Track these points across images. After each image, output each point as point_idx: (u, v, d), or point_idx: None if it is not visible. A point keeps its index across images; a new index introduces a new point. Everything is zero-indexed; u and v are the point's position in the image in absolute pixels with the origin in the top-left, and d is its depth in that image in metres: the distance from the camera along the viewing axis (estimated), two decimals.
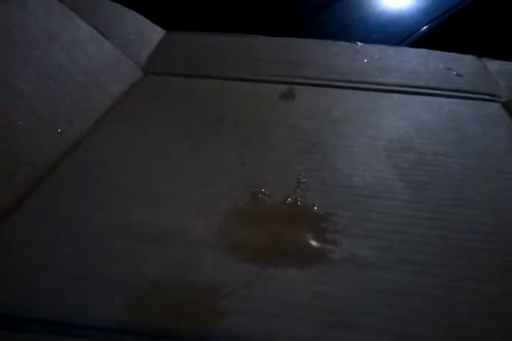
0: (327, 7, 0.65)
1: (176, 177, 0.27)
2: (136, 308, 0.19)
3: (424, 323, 0.19)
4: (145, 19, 0.44)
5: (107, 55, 0.37)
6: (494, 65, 0.41)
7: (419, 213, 0.25)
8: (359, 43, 0.44)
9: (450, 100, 0.36)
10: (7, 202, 0.24)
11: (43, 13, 0.33)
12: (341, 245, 0.23)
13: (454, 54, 0.43)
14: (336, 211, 0.25)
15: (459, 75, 0.39)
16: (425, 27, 0.61)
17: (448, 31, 0.62)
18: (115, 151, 0.29)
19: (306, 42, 0.45)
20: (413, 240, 0.23)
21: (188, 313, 0.19)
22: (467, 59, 0.42)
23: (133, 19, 0.43)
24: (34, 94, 0.29)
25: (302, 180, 0.27)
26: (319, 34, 0.58)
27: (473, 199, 0.26)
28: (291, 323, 0.19)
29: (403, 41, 0.58)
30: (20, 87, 0.28)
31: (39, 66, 0.30)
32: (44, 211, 0.24)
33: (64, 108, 0.30)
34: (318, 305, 0.20)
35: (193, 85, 0.37)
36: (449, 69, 0.40)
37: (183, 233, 0.23)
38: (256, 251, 0.22)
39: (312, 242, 0.23)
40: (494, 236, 0.24)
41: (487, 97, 0.37)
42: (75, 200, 0.25)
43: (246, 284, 0.20)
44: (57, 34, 0.33)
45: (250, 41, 0.44)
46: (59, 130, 0.29)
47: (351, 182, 0.27)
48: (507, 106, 0.36)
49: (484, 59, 0.42)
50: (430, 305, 0.20)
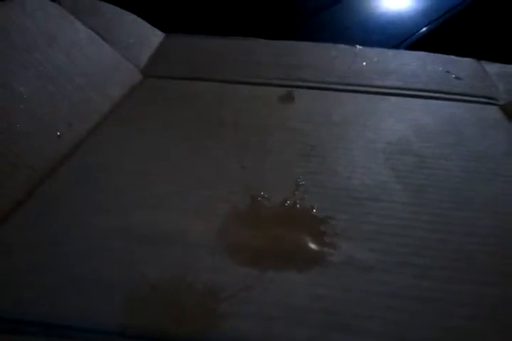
0: (326, 9, 0.66)
1: (175, 179, 0.27)
2: (135, 310, 0.19)
3: (423, 326, 0.19)
4: (144, 22, 0.44)
5: (107, 58, 0.37)
6: (493, 68, 0.41)
7: (418, 216, 0.25)
8: (358, 46, 0.44)
9: (449, 103, 0.36)
10: (7, 204, 0.24)
11: (42, 16, 0.33)
12: (340, 248, 0.23)
13: (453, 57, 0.43)
14: (335, 214, 0.25)
15: (458, 78, 0.40)
16: (424, 29, 0.61)
17: (447, 33, 0.62)
18: (114, 154, 0.29)
19: (306, 45, 0.45)
20: (412, 243, 0.23)
21: (188, 316, 0.19)
22: (466, 62, 0.42)
23: (132, 22, 0.43)
24: (33, 97, 0.29)
25: (301, 183, 0.27)
26: (318, 36, 0.58)
27: (471, 201, 0.26)
28: (290, 326, 0.19)
29: (402, 43, 0.58)
30: (19, 90, 0.28)
31: (38, 69, 0.30)
32: (43, 213, 0.24)
33: (63, 110, 0.30)
34: (317, 308, 0.20)
35: (193, 88, 0.37)
36: (448, 72, 0.40)
37: (182, 235, 0.23)
38: (255, 254, 0.22)
39: (311, 245, 0.23)
40: (493, 238, 0.24)
41: (486, 100, 0.37)
42: (75, 202, 0.25)
43: (246, 287, 0.20)
44: (56, 37, 0.33)
45: (249, 44, 0.44)
46: (58, 133, 0.29)
47: (350, 185, 0.27)
48: (505, 108, 0.36)
49: (483, 62, 0.42)
50: (429, 308, 0.20)
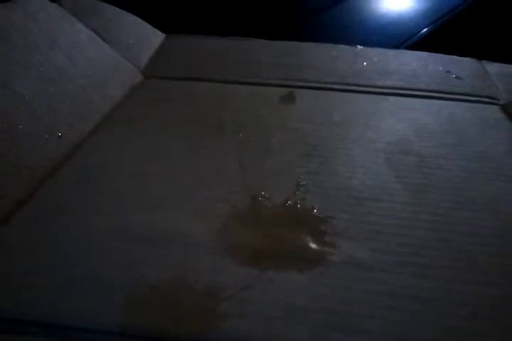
0: (327, 9, 0.66)
1: (175, 180, 0.27)
2: (135, 311, 0.19)
3: (423, 326, 0.19)
4: (145, 23, 0.45)
5: (107, 59, 0.37)
6: (493, 68, 0.41)
7: (418, 216, 0.25)
8: (359, 46, 0.44)
9: (449, 103, 0.36)
10: (7, 205, 0.24)
11: (43, 17, 0.33)
12: (340, 248, 0.23)
13: (454, 57, 0.43)
14: (336, 214, 0.25)
15: (459, 78, 0.39)
16: (425, 29, 0.61)
17: (447, 34, 0.62)
18: (114, 154, 0.29)
19: (306, 45, 0.45)
20: (412, 243, 0.23)
21: (188, 316, 0.19)
22: (466, 62, 0.42)
23: (133, 23, 0.43)
24: (34, 98, 0.29)
25: (302, 183, 0.27)
26: (319, 36, 0.58)
27: (472, 201, 0.26)
28: (291, 326, 0.19)
29: (403, 43, 0.58)
30: (20, 91, 0.28)
31: (39, 70, 0.30)
32: (44, 213, 0.24)
33: (64, 111, 0.30)
34: (317, 308, 0.20)
35: (193, 89, 0.37)
36: (449, 72, 0.40)
37: (182, 235, 0.23)
38: (255, 254, 0.22)
39: (311, 245, 0.23)
40: (494, 238, 0.24)
41: (486, 100, 0.37)
42: (75, 203, 0.25)
43: (246, 287, 0.20)
44: (57, 38, 0.33)
45: (250, 44, 0.44)
46: (59, 133, 0.29)
47: (350, 185, 0.27)
48: (506, 108, 0.36)
49: (483, 62, 0.42)
50: (429, 308, 0.20)
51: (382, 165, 0.29)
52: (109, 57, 0.37)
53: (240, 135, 0.31)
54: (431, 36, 0.60)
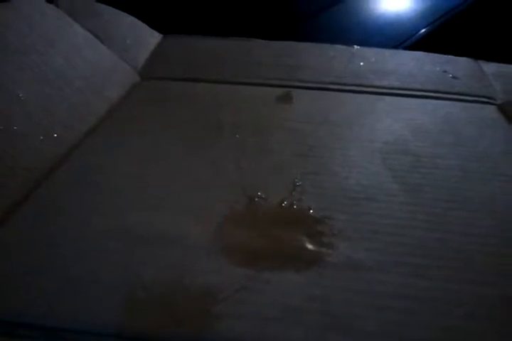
0: (325, 10, 0.66)
1: (172, 180, 0.27)
2: (132, 311, 0.19)
3: (420, 326, 0.19)
4: (142, 23, 0.45)
5: (104, 60, 0.37)
6: (490, 68, 0.41)
7: (415, 215, 0.25)
8: (355, 46, 0.44)
9: (446, 102, 0.36)
10: (4, 206, 0.24)
11: (40, 18, 0.33)
12: (337, 248, 0.23)
13: (450, 56, 0.43)
14: (332, 214, 0.25)
15: (455, 78, 0.39)
16: (423, 30, 0.61)
17: (445, 34, 0.62)
18: (112, 155, 0.29)
19: (303, 45, 0.45)
20: (409, 242, 0.23)
21: (184, 317, 0.19)
22: (463, 61, 0.42)
23: (130, 24, 0.43)
24: (31, 99, 0.29)
25: (298, 183, 0.27)
26: (317, 37, 0.58)
27: (469, 201, 0.26)
28: (287, 327, 0.19)
29: (401, 44, 0.58)
30: (16, 92, 0.28)
31: (36, 71, 0.30)
32: (41, 215, 0.24)
33: (61, 112, 0.30)
34: (314, 309, 0.19)
35: (190, 89, 0.37)
36: (445, 71, 0.40)
37: (179, 236, 0.23)
38: (252, 255, 0.22)
39: (308, 245, 0.23)
40: (491, 238, 0.24)
41: (483, 100, 0.37)
42: (72, 204, 0.25)
43: (242, 288, 0.20)
44: (54, 39, 0.33)
45: (247, 45, 0.44)
46: (55, 134, 0.29)
47: (347, 185, 0.27)
48: (503, 108, 0.36)
49: (480, 61, 0.42)
50: (427, 308, 0.20)
51: (378, 165, 0.29)
52: (106, 58, 0.37)
53: (237, 135, 0.31)
54: (429, 37, 0.60)
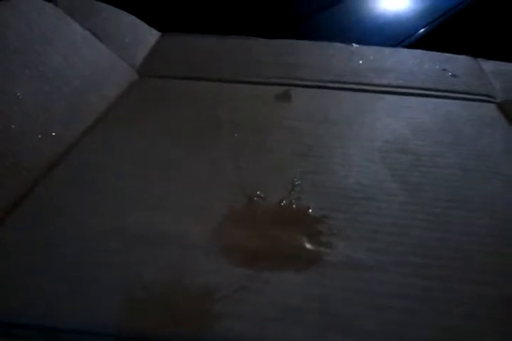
0: (325, 10, 0.66)
1: (171, 179, 0.27)
2: (131, 311, 0.19)
3: (420, 325, 0.19)
4: (140, 22, 0.44)
5: (103, 58, 0.37)
6: (489, 66, 0.41)
7: (415, 215, 0.25)
8: (355, 45, 0.44)
9: (445, 101, 0.36)
10: (3, 206, 0.24)
11: (38, 17, 0.33)
12: (337, 247, 0.23)
13: (449, 55, 0.43)
14: (331, 213, 0.25)
15: (455, 76, 0.39)
16: (422, 29, 0.61)
17: (444, 34, 0.62)
18: (110, 154, 0.29)
19: (303, 44, 0.45)
20: (409, 242, 0.23)
21: (184, 317, 0.19)
22: (462, 59, 0.42)
23: (128, 22, 0.43)
24: (29, 98, 0.28)
25: (297, 183, 0.27)
26: (317, 37, 0.58)
27: (469, 200, 0.26)
28: (287, 327, 0.19)
29: (400, 43, 0.58)
30: (14, 91, 0.28)
31: (34, 69, 0.30)
32: (39, 215, 0.24)
33: (59, 111, 0.30)
34: (314, 308, 0.19)
35: (189, 87, 0.37)
36: (445, 70, 0.40)
37: (179, 236, 0.23)
38: (251, 254, 0.22)
39: (307, 245, 0.23)
40: (491, 238, 0.24)
41: (482, 98, 0.37)
42: (70, 203, 0.25)
43: (241, 287, 0.20)
44: (52, 38, 0.33)
45: (247, 43, 0.44)
46: (54, 133, 0.29)
47: (346, 184, 0.27)
48: (502, 106, 0.36)
49: (479, 59, 0.42)
50: (426, 308, 0.20)
51: (378, 164, 0.29)
52: (104, 56, 0.37)
53: (236, 134, 0.31)
54: (428, 36, 0.60)
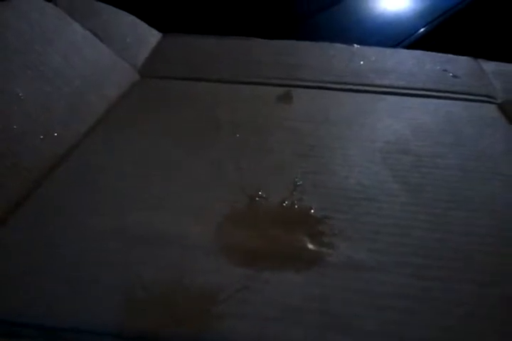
0: (325, 10, 0.66)
1: (172, 180, 0.27)
2: (132, 311, 0.19)
3: (420, 325, 0.19)
4: (141, 22, 0.44)
5: (104, 59, 0.37)
6: (490, 66, 0.41)
7: (416, 215, 0.25)
8: (355, 45, 0.44)
9: (446, 102, 0.36)
10: (3, 206, 0.24)
11: (39, 17, 0.33)
12: (338, 248, 0.23)
13: (450, 55, 0.43)
14: (333, 214, 0.25)
15: (455, 77, 0.39)
16: (422, 29, 0.61)
17: (444, 33, 0.62)
18: (111, 155, 0.29)
19: (304, 44, 0.45)
20: (410, 243, 0.23)
21: (184, 317, 0.19)
22: (463, 60, 0.42)
23: (129, 22, 0.43)
24: (29, 98, 0.29)
25: (299, 183, 0.27)
26: (317, 37, 0.58)
27: (469, 201, 0.26)
28: (287, 326, 0.19)
29: (400, 43, 0.58)
30: (15, 91, 0.28)
31: (35, 70, 0.30)
32: (40, 215, 0.24)
33: (60, 111, 0.30)
34: (314, 308, 0.19)
35: (190, 88, 0.37)
36: (445, 70, 0.40)
37: (179, 236, 0.23)
38: (252, 255, 0.22)
39: (309, 245, 0.23)
40: (491, 238, 0.24)
41: (483, 99, 0.37)
42: (71, 204, 0.25)
43: (242, 287, 0.20)
44: (52, 38, 0.33)
45: (247, 44, 0.44)
46: (55, 134, 0.29)
47: (348, 184, 0.27)
48: (503, 107, 0.36)
49: (480, 60, 0.42)
50: (427, 308, 0.20)
51: (379, 164, 0.29)
52: (105, 57, 0.37)
53: (237, 135, 0.31)
54: (428, 35, 0.60)
